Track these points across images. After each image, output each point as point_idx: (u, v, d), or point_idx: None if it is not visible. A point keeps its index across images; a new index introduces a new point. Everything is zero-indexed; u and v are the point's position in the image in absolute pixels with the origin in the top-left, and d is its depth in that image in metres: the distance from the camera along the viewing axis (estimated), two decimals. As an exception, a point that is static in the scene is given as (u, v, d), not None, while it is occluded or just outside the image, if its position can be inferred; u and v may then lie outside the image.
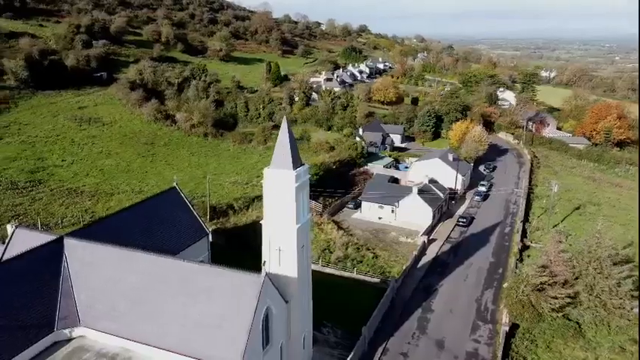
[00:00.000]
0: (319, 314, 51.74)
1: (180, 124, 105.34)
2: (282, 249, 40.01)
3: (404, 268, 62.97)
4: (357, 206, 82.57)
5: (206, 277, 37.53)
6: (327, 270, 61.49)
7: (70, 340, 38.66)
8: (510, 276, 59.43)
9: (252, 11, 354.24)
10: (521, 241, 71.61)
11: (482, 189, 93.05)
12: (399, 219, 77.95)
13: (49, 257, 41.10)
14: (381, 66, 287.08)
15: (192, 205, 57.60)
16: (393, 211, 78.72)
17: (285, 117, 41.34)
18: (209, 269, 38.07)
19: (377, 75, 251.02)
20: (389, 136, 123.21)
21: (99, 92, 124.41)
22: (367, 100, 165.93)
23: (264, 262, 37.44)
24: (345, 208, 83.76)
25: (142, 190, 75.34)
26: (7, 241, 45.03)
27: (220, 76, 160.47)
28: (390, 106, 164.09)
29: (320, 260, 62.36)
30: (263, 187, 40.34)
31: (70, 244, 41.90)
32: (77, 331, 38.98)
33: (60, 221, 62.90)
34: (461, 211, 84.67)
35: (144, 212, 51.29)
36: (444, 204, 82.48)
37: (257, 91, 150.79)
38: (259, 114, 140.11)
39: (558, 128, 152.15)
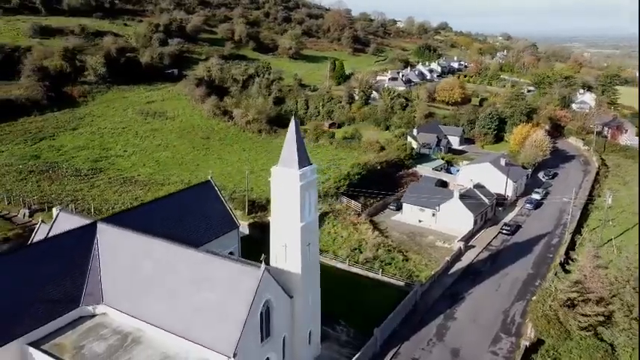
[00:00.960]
0: (336, 312, 52.78)
1: (237, 120, 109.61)
2: (288, 245, 41.17)
3: (432, 272, 61.96)
4: (399, 208, 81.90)
5: (211, 266, 39.49)
6: (354, 269, 61.89)
7: (93, 316, 42.26)
8: (541, 289, 56.66)
9: (327, 9, 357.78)
10: (566, 253, 67.73)
11: (536, 197, 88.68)
12: (439, 223, 76.47)
13: (83, 239, 44.90)
14: (455, 65, 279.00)
15: (225, 199, 60.30)
16: (433, 214, 77.34)
17: (293, 117, 42.32)
18: (214, 259, 39.90)
19: (449, 74, 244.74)
20: (446, 137, 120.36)
21: (168, 88, 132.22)
22: (431, 101, 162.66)
23: (264, 257, 38.75)
24: (387, 210, 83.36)
25: (190, 182, 79.55)
26: (51, 222, 50.00)
27: (286, 74, 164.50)
28: (454, 106, 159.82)
29: (348, 260, 62.84)
30: (271, 184, 41.62)
31: (102, 228, 45.59)
32: (100, 309, 42.51)
33: (111, 207, 68.21)
34: (508, 218, 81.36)
35: (177, 202, 54.27)
36: (488, 210, 79.72)
37: (318, 89, 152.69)
38: (318, 112, 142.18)
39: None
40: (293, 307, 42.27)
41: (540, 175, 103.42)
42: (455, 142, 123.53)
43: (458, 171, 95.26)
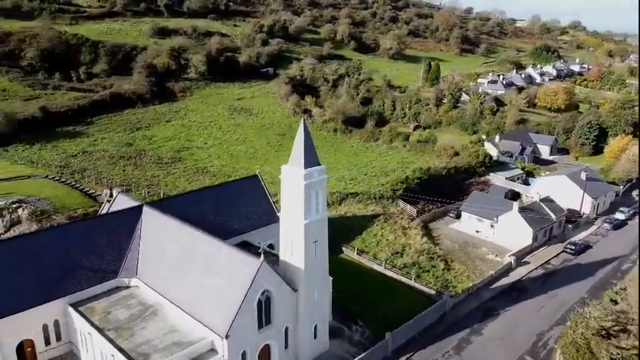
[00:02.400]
0: (356, 312, 53.77)
1: (316, 118, 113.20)
2: (293, 241, 43.28)
3: (471, 285, 59.97)
4: (458, 216, 79.53)
5: (220, 254, 42.90)
6: (389, 273, 61.99)
7: (127, 287, 48.03)
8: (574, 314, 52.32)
9: (440, 8, 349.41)
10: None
11: (619, 216, 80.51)
12: (497, 235, 73.09)
13: (130, 219, 50.88)
14: (575, 68, 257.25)
15: (270, 193, 63.79)
16: (492, 225, 74.08)
17: (302, 119, 44.19)
18: (224, 248, 43.16)
19: (566, 78, 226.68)
20: (534, 146, 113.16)
21: (260, 86, 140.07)
22: (531, 106, 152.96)
23: (262, 249, 41.24)
24: (447, 217, 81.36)
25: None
26: (111, 202, 57.26)
27: (380, 74, 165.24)
28: (557, 113, 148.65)
29: (384, 263, 63.09)
30: (280, 182, 43.93)
31: (146, 211, 51.29)
32: (133, 282, 48.09)
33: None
34: (579, 237, 75.11)
35: (222, 192, 58.60)
36: (555, 226, 74.35)
37: (406, 90, 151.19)
38: (404, 114, 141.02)
39: None
40: (297, 300, 44.29)
41: (635, 193, 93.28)
42: (545, 151, 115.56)
43: (533, 183, 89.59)
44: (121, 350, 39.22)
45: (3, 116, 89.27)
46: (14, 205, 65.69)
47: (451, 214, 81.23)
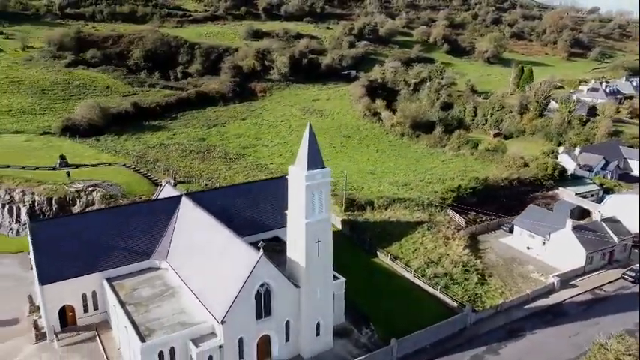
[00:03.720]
0: (372, 316, 54.27)
1: (385, 122, 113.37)
2: (296, 239, 45.27)
3: (500, 302, 57.52)
4: (512, 231, 75.84)
5: (231, 245, 46.11)
6: (417, 281, 61.37)
7: (158, 269, 53.15)
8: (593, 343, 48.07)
9: (552, 8, 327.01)
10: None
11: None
12: (548, 254, 68.73)
13: (169, 207, 56.20)
14: None
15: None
16: (544, 243, 69.80)
17: (309, 123, 45.82)
18: (234, 240, 46.26)
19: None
20: (624, 161, 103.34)
21: (338, 88, 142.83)
22: (635, 117, 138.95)
23: (261, 243, 43.63)
24: (501, 230, 77.88)
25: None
26: (158, 192, 63.31)
27: (470, 78, 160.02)
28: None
29: (414, 270, 62.50)
30: (288, 182, 46.04)
31: (184, 201, 56.26)
32: (163, 264, 53.16)
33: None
34: (647, 264, 68.03)
35: (259, 189, 62.06)
36: (617, 249, 68.10)
37: (490, 96, 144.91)
38: (486, 120, 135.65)
39: None
40: (300, 296, 46.14)
41: None
42: (636, 167, 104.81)
43: (604, 200, 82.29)
44: (132, 323, 43.97)
45: (99, 110, 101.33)
46: (90, 189, 74.68)
47: (505, 228, 77.60)
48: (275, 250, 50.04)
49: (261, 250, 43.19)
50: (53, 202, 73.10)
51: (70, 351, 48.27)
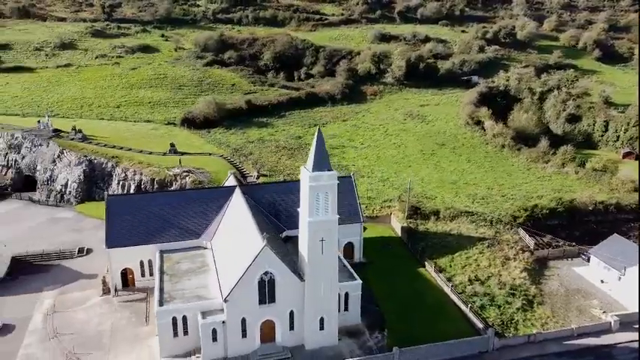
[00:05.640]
0: (391, 323, 54.81)
1: (488, 131, 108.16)
2: (303, 236, 48.32)
3: (534, 332, 53.42)
4: (589, 260, 68.45)
5: (253, 234, 50.50)
6: (454, 296, 59.63)
7: (203, 248, 60.10)
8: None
9: None
10: None
11: None
12: (620, 290, 61.08)
13: (224, 195, 63.17)
14: None
15: (358, 196, 68.48)
16: (620, 278, 62.09)
17: (319, 127, 48.03)
18: (255, 229, 50.54)
19: None
20: None
21: (453, 94, 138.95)
22: None
23: (265, 235, 47.34)
24: (580, 258, 70.65)
25: (386, 179, 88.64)
26: (224, 181, 70.79)
27: (620, 88, 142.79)
28: None
29: (452, 286, 60.72)
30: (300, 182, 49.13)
31: (237, 192, 62.64)
32: (208, 244, 59.96)
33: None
34: None
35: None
36: None
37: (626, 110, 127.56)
38: (617, 137, 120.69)
39: None
40: (304, 290, 49.05)
41: None
42: None
43: None
44: (160, 290, 51.29)
45: (214, 105, 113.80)
46: (185, 174, 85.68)
47: (584, 256, 70.23)
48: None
49: (265, 240, 47.14)
50: (155, 182, 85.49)
51: (123, 306, 57.70)
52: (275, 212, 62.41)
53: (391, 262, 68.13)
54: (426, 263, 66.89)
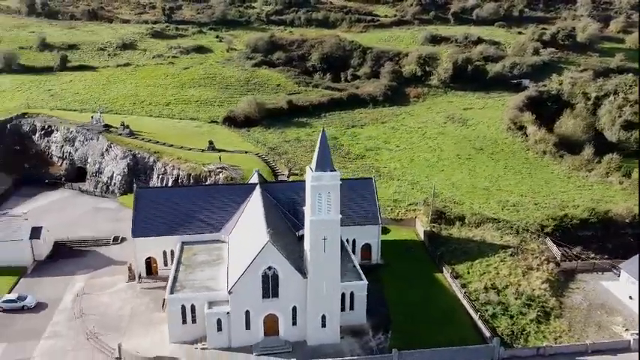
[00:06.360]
0: (397, 325, 55.03)
1: (530, 137, 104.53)
2: (306, 233, 49.57)
3: (544, 344, 51.79)
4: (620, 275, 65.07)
5: (260, 230, 52.42)
6: (465, 303, 58.80)
7: (222, 242, 62.66)
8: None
9: None
10: None
11: None
12: (650, 308, 57.81)
13: (246, 192, 65.55)
14: None
15: (377, 198, 68.88)
16: (650, 295, 58.81)
17: (323, 128, 48.90)
18: (263, 226, 52.35)
19: None
20: None
21: (500, 97, 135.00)
22: None
23: (269, 230, 48.90)
24: (611, 272, 67.29)
25: (416, 182, 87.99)
26: (249, 178, 73.20)
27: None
28: None
29: (465, 292, 59.84)
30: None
31: (257, 189, 64.89)
32: (226, 238, 62.45)
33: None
34: None
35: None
36: None
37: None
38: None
39: None
40: (306, 287, 50.27)
41: None
42: None
43: None
44: (174, 279, 54.24)
45: (255, 105, 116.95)
46: (219, 170, 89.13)
47: (615, 271, 66.88)
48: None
49: (268, 236, 48.83)
50: (191, 177, 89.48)
51: (144, 293, 61.38)
52: (294, 210, 63.82)
53: (409, 266, 67.93)
54: (443, 268, 66.19)
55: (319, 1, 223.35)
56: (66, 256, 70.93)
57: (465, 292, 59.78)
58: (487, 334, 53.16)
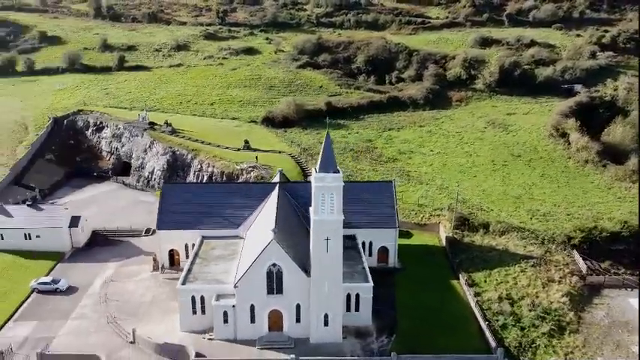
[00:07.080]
0: (402, 329, 55.23)
1: (573, 145, 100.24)
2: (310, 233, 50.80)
3: (551, 358, 50.18)
4: (651, 292, 61.70)
5: (269, 228, 54.14)
6: (476, 310, 57.92)
7: (240, 238, 64.93)
8: None
9: None
10: None
11: None
12: (676, 330, 54.51)
13: (266, 191, 67.75)
14: None
15: (397, 202, 69.09)
16: (677, 316, 55.49)
17: (327, 132, 49.74)
18: (271, 224, 54.13)
19: None
20: None
21: (548, 103, 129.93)
22: None
23: (273, 228, 50.34)
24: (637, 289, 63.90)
25: (445, 187, 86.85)
26: (272, 177, 75.27)
27: None
28: None
29: (477, 302, 58.86)
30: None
31: (276, 188, 66.82)
32: (244, 234, 64.67)
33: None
34: None
35: (354, 189, 67.20)
36: None
37: None
38: None
39: None
40: (310, 286, 51.44)
41: None
42: None
43: None
44: (188, 271, 57.05)
45: (294, 106, 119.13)
46: (250, 169, 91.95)
47: (646, 288, 63.40)
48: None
49: (273, 234, 50.42)
50: (224, 175, 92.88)
51: (166, 283, 64.75)
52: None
53: (426, 271, 67.56)
54: (460, 275, 65.32)
55: (370, 3, 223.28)
56: (102, 244, 75.91)
57: (477, 301, 58.79)
58: (493, 344, 52.16)
